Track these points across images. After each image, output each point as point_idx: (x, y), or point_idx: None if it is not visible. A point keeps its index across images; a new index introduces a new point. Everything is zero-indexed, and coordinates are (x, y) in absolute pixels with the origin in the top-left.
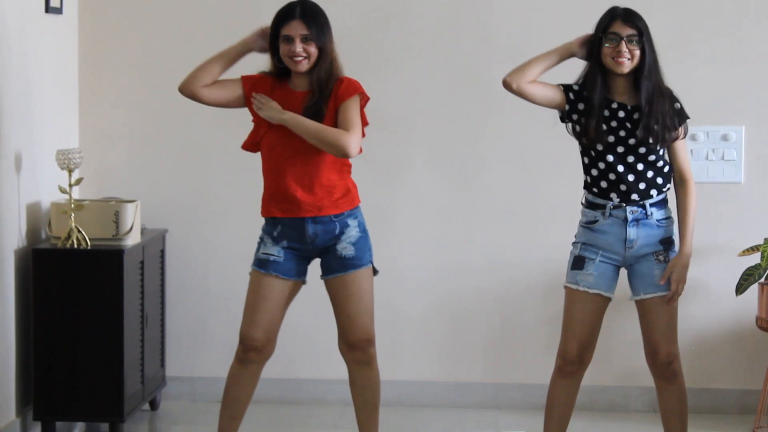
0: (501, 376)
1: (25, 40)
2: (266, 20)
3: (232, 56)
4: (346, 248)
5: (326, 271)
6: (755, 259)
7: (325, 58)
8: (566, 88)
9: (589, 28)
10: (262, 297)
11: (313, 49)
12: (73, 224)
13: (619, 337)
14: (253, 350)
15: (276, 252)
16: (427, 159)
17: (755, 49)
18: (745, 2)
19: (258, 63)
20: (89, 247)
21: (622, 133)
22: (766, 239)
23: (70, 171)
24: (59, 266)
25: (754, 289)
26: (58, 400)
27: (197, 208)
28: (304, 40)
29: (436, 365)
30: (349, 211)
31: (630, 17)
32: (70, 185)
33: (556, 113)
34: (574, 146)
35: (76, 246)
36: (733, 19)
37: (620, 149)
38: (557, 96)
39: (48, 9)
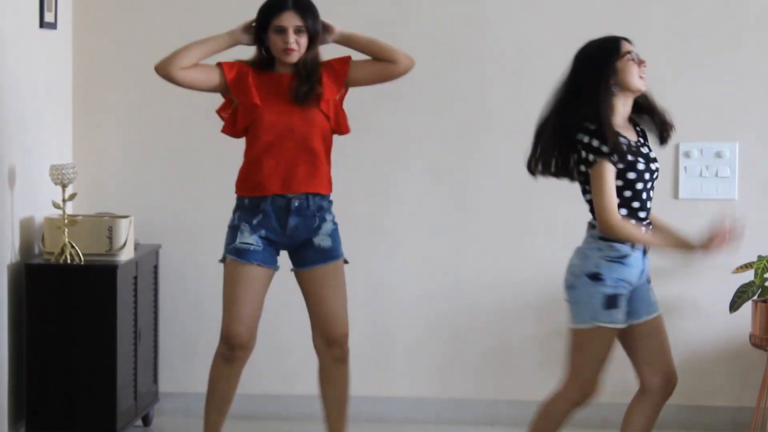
0: (495, 392)
1: (20, 55)
2: None
3: (217, 46)
4: (323, 240)
5: (302, 263)
6: (749, 276)
7: (314, 46)
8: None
9: (578, 46)
10: (245, 288)
11: (304, 41)
12: (67, 239)
13: (613, 354)
14: (239, 348)
15: (254, 241)
16: (420, 175)
17: (749, 66)
18: (739, 19)
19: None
20: (82, 263)
21: (654, 159)
22: (759, 256)
23: (64, 186)
24: (52, 282)
25: (747, 307)
26: (51, 415)
27: (191, 223)
28: (297, 31)
29: (430, 381)
30: (328, 200)
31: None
32: (64, 200)
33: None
34: None
35: (69, 261)
36: (726, 36)
37: (652, 184)
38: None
39: (42, 24)
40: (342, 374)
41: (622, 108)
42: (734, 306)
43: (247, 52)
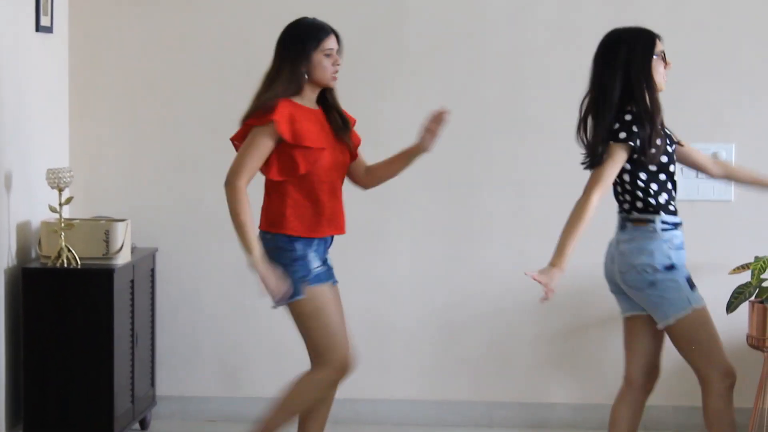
0: (491, 394)
1: (16, 59)
2: (255, 38)
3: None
4: (330, 259)
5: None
6: (746, 277)
7: None
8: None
9: (578, 49)
10: (337, 310)
11: None
12: (64, 243)
13: (610, 355)
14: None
15: (321, 262)
16: (418, 175)
17: (745, 68)
18: (735, 22)
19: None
20: (79, 267)
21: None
22: (756, 257)
23: (61, 190)
24: (49, 286)
25: (744, 307)
26: (48, 419)
27: (188, 227)
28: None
29: (425, 383)
30: None
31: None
32: (61, 204)
33: (543, 132)
34: (564, 163)
35: (66, 265)
36: (723, 38)
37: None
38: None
39: (38, 28)
40: (334, 393)
41: None
42: (731, 307)
43: (237, 65)
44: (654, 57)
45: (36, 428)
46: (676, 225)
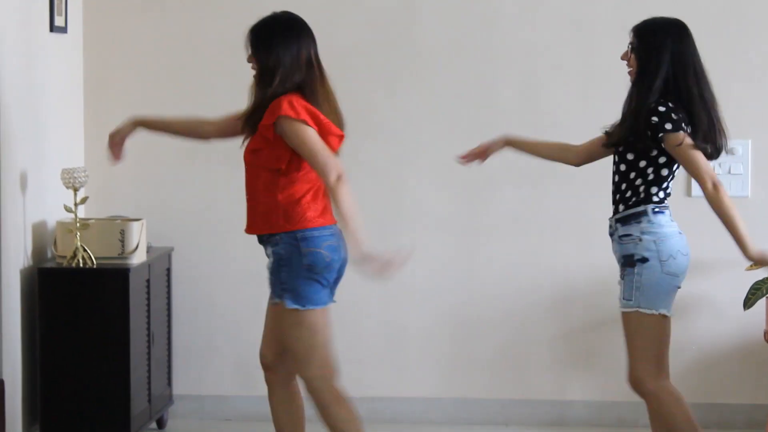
0: (508, 391)
1: (30, 59)
2: None
3: None
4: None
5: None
6: (762, 273)
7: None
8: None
9: (590, 47)
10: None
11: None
12: (79, 243)
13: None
14: (266, 370)
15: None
16: (433, 172)
17: (761, 63)
18: (750, 17)
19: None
20: (95, 266)
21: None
22: None
23: (76, 190)
24: (65, 286)
25: (761, 304)
26: (65, 419)
27: (203, 226)
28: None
29: (442, 381)
30: None
31: (635, 27)
32: (76, 204)
33: (559, 129)
34: None
35: (81, 265)
36: (738, 34)
37: (615, 157)
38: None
39: (53, 28)
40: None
41: None
42: (748, 303)
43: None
44: None
45: (52, 428)
46: None
